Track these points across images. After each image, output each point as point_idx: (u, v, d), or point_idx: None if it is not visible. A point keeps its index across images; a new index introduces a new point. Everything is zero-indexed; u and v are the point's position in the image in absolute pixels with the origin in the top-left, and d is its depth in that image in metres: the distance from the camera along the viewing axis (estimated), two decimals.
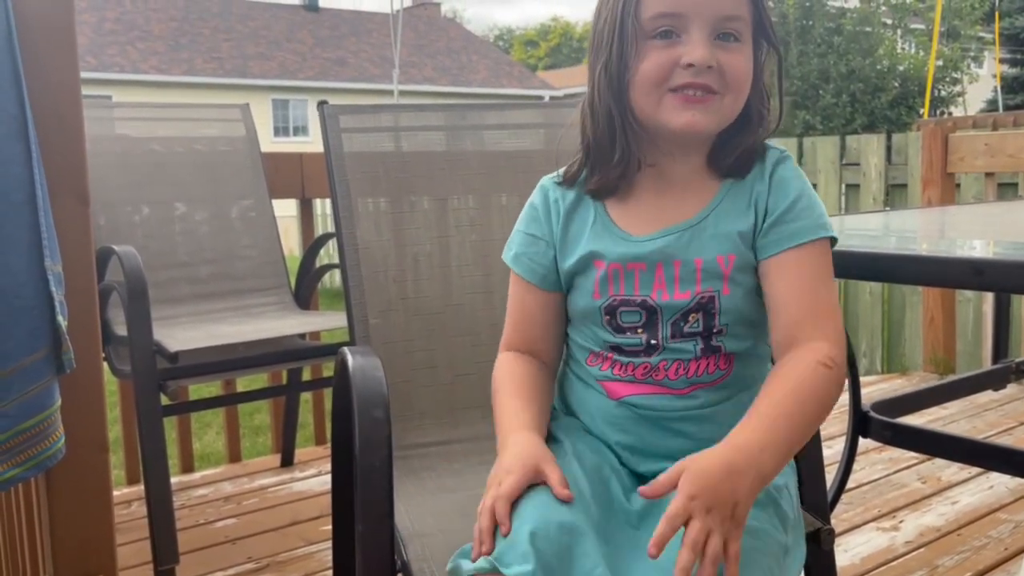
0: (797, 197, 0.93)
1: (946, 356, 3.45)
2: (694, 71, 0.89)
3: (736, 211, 0.94)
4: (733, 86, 0.91)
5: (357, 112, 1.48)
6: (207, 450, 3.91)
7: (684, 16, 0.90)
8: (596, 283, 0.95)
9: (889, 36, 18.94)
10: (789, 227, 0.92)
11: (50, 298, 1.20)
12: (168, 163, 2.44)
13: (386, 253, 1.44)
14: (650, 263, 0.93)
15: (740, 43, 0.92)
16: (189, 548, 1.99)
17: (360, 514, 0.94)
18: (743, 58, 0.92)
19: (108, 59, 20.36)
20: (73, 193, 1.35)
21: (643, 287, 0.94)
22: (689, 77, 0.90)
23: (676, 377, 0.94)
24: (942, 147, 3.30)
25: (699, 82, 0.90)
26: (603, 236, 0.96)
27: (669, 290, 0.93)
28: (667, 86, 0.91)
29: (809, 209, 0.93)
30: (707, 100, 0.91)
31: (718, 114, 0.92)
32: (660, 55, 0.91)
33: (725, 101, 0.91)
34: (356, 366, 1.03)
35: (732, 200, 0.94)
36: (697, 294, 0.92)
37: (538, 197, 1.02)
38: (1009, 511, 2.09)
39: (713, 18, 0.90)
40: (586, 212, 0.98)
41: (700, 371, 0.94)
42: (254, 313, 2.33)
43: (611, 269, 0.94)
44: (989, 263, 1.00)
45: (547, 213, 1.00)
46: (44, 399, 1.21)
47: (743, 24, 0.92)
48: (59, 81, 1.34)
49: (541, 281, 1.00)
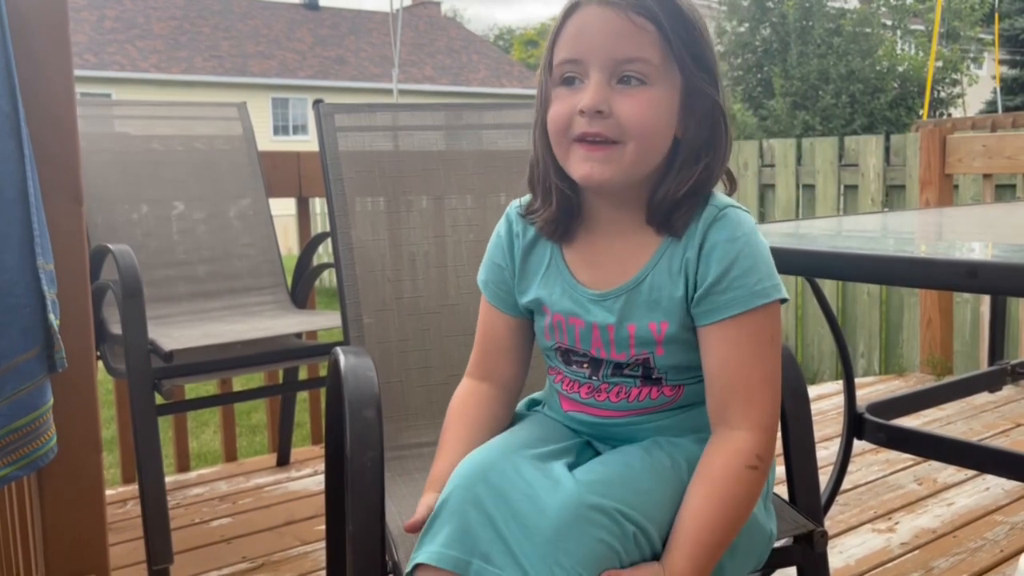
0: (729, 265, 0.87)
1: (943, 357, 3.45)
2: (587, 119, 0.86)
3: (670, 275, 0.90)
4: (632, 132, 0.86)
5: (352, 111, 1.48)
6: (203, 449, 3.91)
7: (582, 62, 0.87)
8: (545, 327, 0.98)
9: (889, 37, 18.93)
10: (719, 299, 0.88)
11: (42, 297, 1.19)
12: (166, 162, 2.44)
13: (382, 253, 1.43)
14: (587, 324, 0.94)
15: (645, 85, 0.86)
16: (184, 547, 1.99)
17: (351, 514, 0.94)
18: (644, 101, 0.86)
19: (108, 57, 20.35)
20: (66, 191, 1.34)
21: (583, 342, 0.95)
22: (584, 125, 0.87)
23: (617, 400, 0.95)
24: (940, 148, 3.30)
25: (592, 131, 0.86)
26: (554, 282, 0.96)
27: (607, 350, 0.94)
28: (570, 135, 0.88)
29: (743, 277, 0.87)
30: (606, 149, 0.87)
31: (619, 164, 0.87)
32: (562, 102, 0.89)
33: (627, 149, 0.87)
34: (348, 366, 1.03)
35: (668, 261, 0.91)
36: (632, 356, 0.93)
37: (504, 226, 1.02)
38: (1005, 513, 2.09)
39: (609, 61, 0.86)
40: (543, 252, 0.98)
41: (643, 397, 0.95)
42: (251, 312, 2.33)
43: (555, 319, 0.96)
44: (983, 265, 0.99)
45: (509, 244, 1.00)
46: (36, 398, 1.21)
47: (646, 65, 0.86)
48: (53, 78, 1.34)
49: (508, 308, 1.02)
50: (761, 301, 0.88)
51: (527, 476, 0.85)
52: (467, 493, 0.85)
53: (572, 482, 0.84)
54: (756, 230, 0.90)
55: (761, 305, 0.88)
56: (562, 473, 0.86)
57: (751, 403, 0.88)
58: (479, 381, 1.04)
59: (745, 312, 0.87)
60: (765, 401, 0.89)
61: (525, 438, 0.94)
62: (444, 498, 0.86)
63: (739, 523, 0.88)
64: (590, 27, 0.87)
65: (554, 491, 0.83)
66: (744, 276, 0.88)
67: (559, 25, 0.90)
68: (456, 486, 0.86)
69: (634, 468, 0.88)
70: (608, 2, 0.86)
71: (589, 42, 0.87)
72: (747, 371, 0.88)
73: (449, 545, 0.83)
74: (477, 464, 0.88)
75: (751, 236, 0.89)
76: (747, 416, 0.88)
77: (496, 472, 0.86)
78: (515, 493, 0.84)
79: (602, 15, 0.86)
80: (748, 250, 0.88)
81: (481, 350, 1.05)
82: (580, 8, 0.88)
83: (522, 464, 0.87)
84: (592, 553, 0.81)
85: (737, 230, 0.89)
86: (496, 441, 0.94)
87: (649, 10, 0.86)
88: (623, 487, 0.85)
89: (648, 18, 0.86)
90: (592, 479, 0.85)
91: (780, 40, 18.11)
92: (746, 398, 0.88)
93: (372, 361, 1.05)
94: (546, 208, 0.95)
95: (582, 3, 0.88)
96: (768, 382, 0.89)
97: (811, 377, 4.41)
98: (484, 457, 0.89)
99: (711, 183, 0.90)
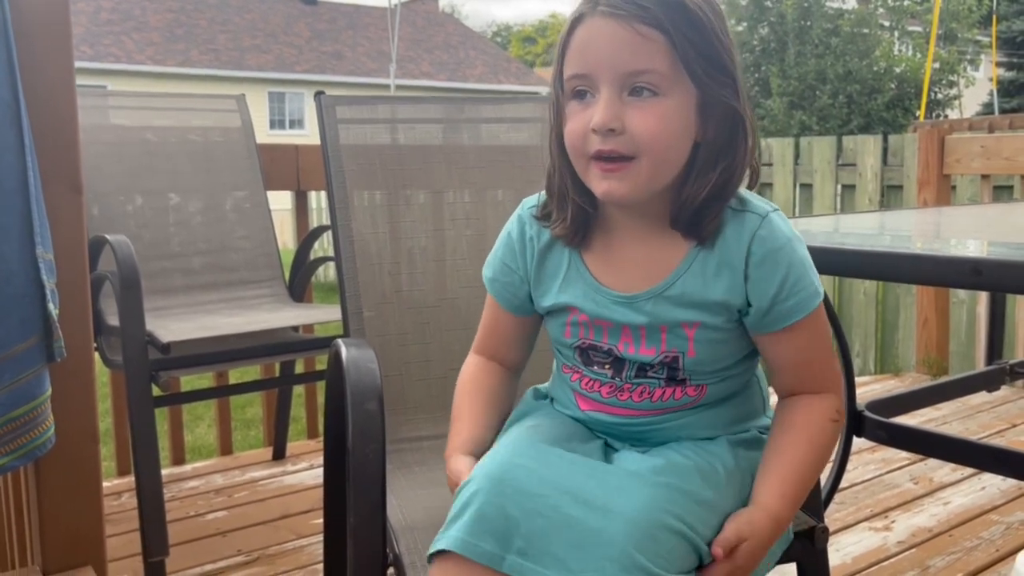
0: (786, 273, 0.88)
1: (939, 357, 3.45)
2: (600, 136, 0.85)
3: (704, 278, 0.89)
4: (645, 148, 0.85)
5: (354, 103, 1.47)
6: (199, 442, 3.90)
7: (592, 76, 0.86)
8: (568, 325, 0.96)
9: (886, 38, 18.95)
10: (783, 307, 0.88)
11: (41, 286, 1.19)
12: (162, 153, 2.42)
13: (381, 246, 1.43)
14: (616, 324, 0.93)
15: (657, 96, 0.84)
16: (179, 540, 1.98)
17: (352, 506, 0.94)
18: (656, 115, 0.84)
19: (104, 49, 20.28)
20: (66, 181, 1.34)
21: (611, 338, 0.94)
22: (599, 143, 0.85)
23: (640, 400, 0.94)
24: (938, 149, 3.30)
25: (606, 149, 0.85)
26: (576, 285, 0.95)
27: (635, 345, 0.92)
28: (587, 153, 0.87)
29: (799, 281, 0.88)
30: (622, 168, 0.85)
31: (636, 180, 0.86)
32: (576, 119, 0.88)
33: (642, 164, 0.85)
34: (350, 358, 1.03)
35: (701, 265, 0.89)
36: (662, 352, 0.92)
37: (516, 228, 0.99)
38: (1001, 512, 2.09)
39: (618, 75, 0.85)
40: (560, 255, 0.96)
41: (667, 397, 0.94)
42: (247, 305, 2.32)
43: (582, 319, 0.95)
44: (988, 263, 0.99)
45: (523, 248, 0.98)
46: (34, 387, 1.20)
47: (657, 76, 0.84)
48: (53, 70, 1.33)
49: (515, 309, 1.01)
50: (818, 300, 0.90)
51: (578, 475, 0.85)
52: (500, 485, 0.83)
53: (642, 489, 0.84)
54: (794, 230, 0.91)
55: (819, 303, 0.91)
56: (625, 479, 0.86)
57: (821, 375, 0.93)
58: (487, 359, 1.05)
59: (808, 314, 0.90)
60: (832, 369, 0.94)
61: (550, 434, 0.93)
62: (476, 488, 0.83)
63: (819, 471, 0.92)
64: (596, 40, 0.85)
65: (619, 496, 0.83)
66: (800, 280, 0.88)
67: (565, 39, 0.89)
68: (488, 475, 0.84)
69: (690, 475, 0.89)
70: (612, 13, 0.84)
71: (596, 56, 0.85)
72: (814, 356, 0.93)
73: (479, 536, 0.81)
74: (509, 456, 0.86)
75: (795, 239, 0.90)
76: (820, 384, 0.93)
77: (530, 467, 0.85)
78: (558, 491, 0.83)
79: (607, 27, 0.85)
80: (797, 254, 0.89)
81: (487, 336, 1.05)
82: (585, 20, 0.87)
83: (569, 462, 0.87)
84: (670, 549, 0.81)
85: (782, 237, 0.89)
86: (522, 433, 0.93)
87: (655, 18, 0.83)
88: (686, 494, 0.86)
89: (654, 27, 0.83)
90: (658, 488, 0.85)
91: (778, 40, 18.12)
92: (815, 375, 0.93)
93: (374, 353, 1.04)
94: (562, 218, 0.94)
95: (587, 14, 0.86)
96: (830, 354, 0.95)
97: None
98: (516, 449, 0.88)
99: (732, 186, 0.89)
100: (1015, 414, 2.91)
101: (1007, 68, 18.08)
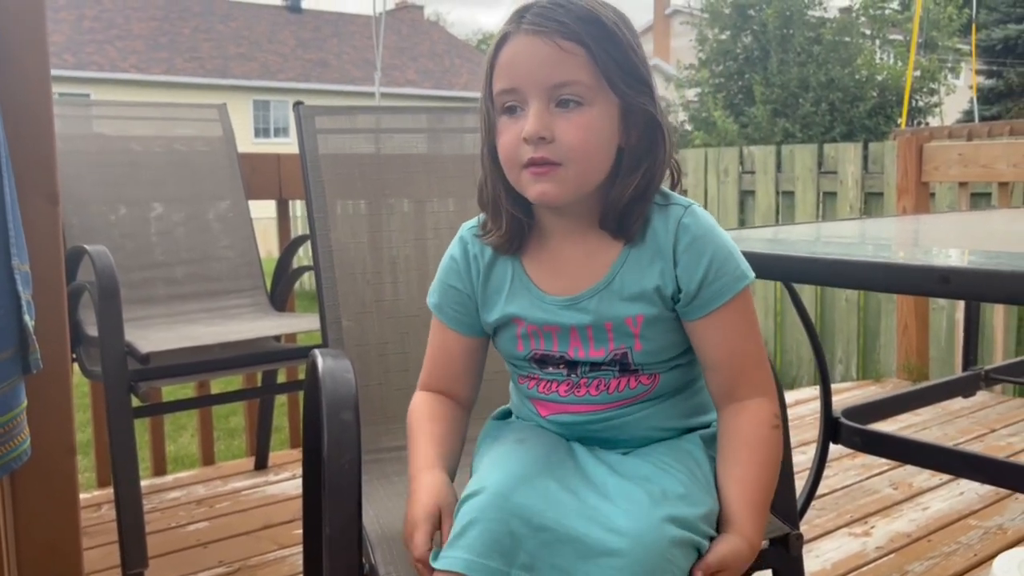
0: (712, 255, 0.92)
1: (919, 363, 3.48)
2: (532, 146, 0.89)
3: (640, 270, 0.94)
4: (571, 154, 0.89)
5: (333, 113, 1.48)
6: (180, 453, 3.87)
7: (520, 90, 0.90)
8: (518, 338, 0.99)
9: (868, 47, 19.09)
10: (709, 290, 0.92)
11: (17, 297, 1.18)
12: (145, 162, 2.42)
13: (362, 255, 1.43)
14: (564, 328, 0.96)
15: (582, 106, 0.89)
16: (159, 552, 1.97)
17: (328, 517, 0.94)
18: (583, 124, 0.89)
19: (86, 57, 20.17)
20: (42, 192, 1.33)
21: (561, 344, 0.97)
22: (530, 151, 0.90)
23: (597, 393, 0.97)
24: (917, 157, 3.34)
25: (537, 156, 0.89)
26: (521, 296, 0.98)
27: (585, 348, 0.96)
28: (519, 162, 0.91)
29: (725, 263, 0.93)
30: (552, 171, 0.90)
31: (566, 183, 0.90)
32: (508, 132, 0.91)
33: (570, 170, 0.90)
34: (326, 368, 1.03)
35: (636, 259, 0.94)
36: (611, 351, 0.95)
37: (458, 249, 1.02)
38: (979, 517, 2.11)
39: (544, 88, 0.89)
40: (504, 268, 0.99)
41: (622, 387, 0.97)
42: (229, 314, 2.31)
43: (530, 329, 0.97)
44: (955, 271, 1.00)
45: (467, 267, 1.01)
46: (10, 400, 1.19)
47: (581, 87, 0.89)
48: (29, 78, 1.33)
49: (465, 329, 1.02)
50: (744, 283, 0.94)
51: (580, 490, 0.87)
52: (504, 501, 0.83)
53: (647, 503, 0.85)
54: (714, 221, 0.96)
55: (744, 286, 0.94)
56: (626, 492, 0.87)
57: (755, 374, 0.95)
58: (435, 394, 1.04)
59: (734, 296, 0.93)
60: (764, 367, 0.96)
61: (539, 449, 0.93)
62: (481, 505, 0.84)
63: (775, 481, 0.94)
64: (521, 56, 0.90)
65: (626, 514, 0.84)
66: (725, 263, 0.93)
67: (492, 57, 0.92)
68: (492, 491, 0.84)
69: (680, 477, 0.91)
70: (535, 31, 0.89)
71: (522, 71, 0.90)
72: (744, 347, 0.95)
73: (486, 555, 0.81)
74: (509, 471, 0.87)
75: (716, 226, 0.95)
76: (755, 386, 0.95)
77: (532, 482, 0.86)
78: (562, 510, 0.84)
79: (531, 44, 0.89)
80: (721, 239, 0.94)
81: (435, 367, 1.05)
82: (510, 39, 0.91)
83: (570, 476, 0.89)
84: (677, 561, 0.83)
85: (706, 223, 0.94)
86: (514, 449, 0.93)
87: (575, 34, 0.88)
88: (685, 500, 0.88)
89: (575, 41, 0.88)
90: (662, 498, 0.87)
91: (761, 48, 18.23)
92: (750, 371, 0.95)
93: (351, 363, 1.05)
94: (497, 227, 0.97)
95: (511, 33, 0.91)
96: (761, 349, 0.96)
97: (789, 383, 4.44)
98: (514, 465, 0.89)
99: (654, 186, 0.94)
100: (993, 419, 2.94)
101: (987, 76, 18.25)
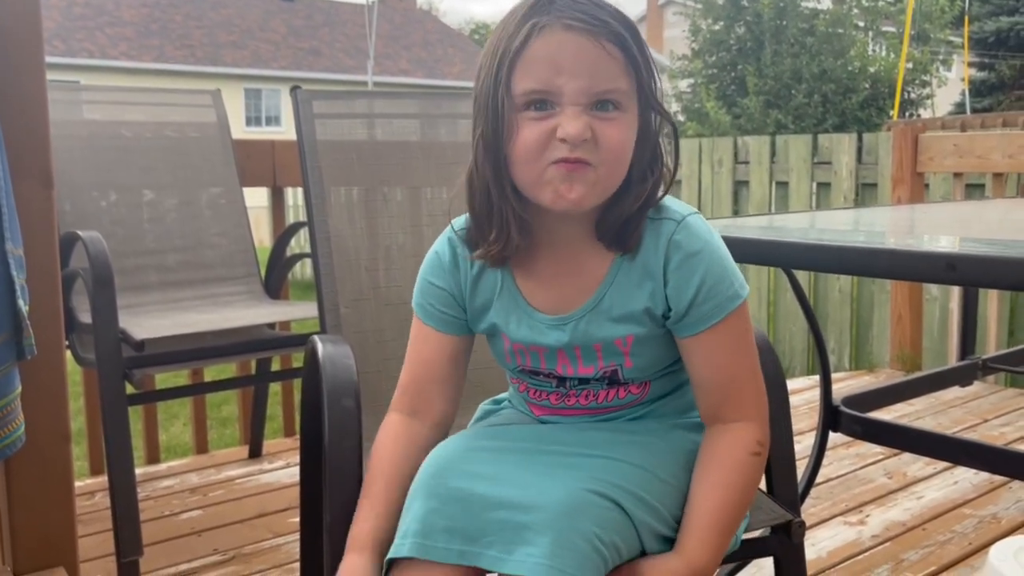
0: (703, 276, 0.88)
1: (913, 354, 3.49)
2: (569, 146, 0.83)
3: (630, 287, 0.90)
4: (608, 158, 0.85)
5: (331, 98, 1.46)
6: (174, 441, 3.86)
7: (557, 91, 0.83)
8: (505, 352, 0.97)
9: (861, 38, 19.09)
10: (700, 310, 0.89)
11: (11, 282, 1.17)
12: (137, 148, 2.39)
13: (358, 242, 1.42)
14: (550, 348, 0.93)
15: (620, 111, 0.85)
16: (153, 540, 1.96)
17: (329, 504, 0.93)
18: (623, 128, 0.85)
19: (76, 44, 20.01)
20: (36, 176, 1.32)
21: (548, 363, 0.95)
22: (566, 151, 0.83)
23: (587, 402, 0.97)
24: (912, 147, 3.34)
25: (574, 156, 0.83)
26: (509, 310, 0.94)
27: (573, 366, 0.94)
28: (546, 159, 0.84)
29: (717, 284, 0.89)
30: (585, 171, 0.84)
31: (596, 186, 0.85)
32: (533, 129, 0.84)
33: (600, 172, 0.84)
34: (326, 354, 1.02)
35: (626, 275, 0.90)
36: (600, 369, 0.94)
37: (446, 249, 0.96)
38: (973, 506, 2.12)
39: (588, 94, 0.83)
40: (493, 276, 0.94)
41: (611, 398, 0.96)
42: (223, 302, 2.30)
43: (517, 348, 0.95)
44: (962, 257, 1.00)
45: (454, 268, 0.95)
46: (4, 385, 1.18)
47: (622, 94, 0.85)
48: (23, 63, 1.31)
49: (450, 328, 0.98)
50: (736, 303, 0.90)
51: (508, 463, 0.87)
52: (438, 481, 0.85)
53: (573, 476, 0.84)
54: (713, 232, 0.91)
55: (736, 307, 0.90)
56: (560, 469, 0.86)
57: (744, 397, 0.92)
58: (409, 417, 0.98)
59: (725, 317, 0.89)
60: (755, 391, 0.93)
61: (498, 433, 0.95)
62: (413, 489, 0.86)
63: (745, 508, 0.92)
64: (565, 55, 0.82)
65: (554, 483, 0.84)
66: (718, 284, 0.89)
67: (519, 48, 0.83)
68: (428, 476, 0.86)
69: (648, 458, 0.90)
70: (581, 28, 0.82)
71: (564, 73, 0.82)
72: (734, 369, 0.91)
73: (430, 536, 0.83)
74: (445, 456, 0.88)
75: (713, 241, 0.90)
76: (742, 410, 0.92)
77: (465, 460, 0.87)
78: (495, 480, 0.84)
79: (576, 43, 0.82)
80: (715, 256, 0.89)
81: (412, 380, 0.99)
82: (545, 32, 0.83)
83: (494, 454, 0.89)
84: (606, 518, 0.82)
85: (700, 240, 0.89)
86: (465, 434, 0.95)
87: (620, 37, 0.83)
88: (641, 475, 0.87)
89: (619, 45, 0.83)
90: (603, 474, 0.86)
91: (754, 39, 18.22)
92: (738, 394, 0.92)
93: (350, 349, 1.04)
94: (487, 238, 0.90)
95: (547, 25, 0.83)
96: (754, 371, 0.93)
97: None
98: (453, 448, 0.90)
99: (656, 197, 0.90)
100: (987, 409, 2.94)
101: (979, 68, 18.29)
